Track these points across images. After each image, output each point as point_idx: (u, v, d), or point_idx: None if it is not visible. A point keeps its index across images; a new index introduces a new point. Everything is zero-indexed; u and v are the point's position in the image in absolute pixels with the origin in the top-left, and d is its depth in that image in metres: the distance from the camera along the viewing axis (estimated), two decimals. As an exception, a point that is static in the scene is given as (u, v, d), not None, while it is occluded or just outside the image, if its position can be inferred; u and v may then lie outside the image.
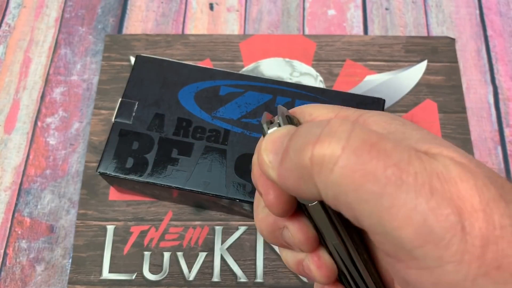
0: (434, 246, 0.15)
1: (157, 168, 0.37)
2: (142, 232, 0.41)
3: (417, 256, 0.15)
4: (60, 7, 0.51)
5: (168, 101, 0.39)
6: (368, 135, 0.16)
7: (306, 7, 0.51)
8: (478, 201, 0.15)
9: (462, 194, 0.15)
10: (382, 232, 0.16)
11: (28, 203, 0.42)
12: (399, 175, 0.15)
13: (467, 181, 0.15)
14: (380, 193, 0.15)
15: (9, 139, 0.45)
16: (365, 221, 0.16)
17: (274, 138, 0.19)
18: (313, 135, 0.17)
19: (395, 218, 0.15)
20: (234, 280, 0.39)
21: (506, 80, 0.47)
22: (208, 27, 0.50)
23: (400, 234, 0.15)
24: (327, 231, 0.20)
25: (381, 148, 0.16)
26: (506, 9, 0.50)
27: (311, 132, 0.17)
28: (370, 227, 0.16)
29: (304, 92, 0.39)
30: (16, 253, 0.40)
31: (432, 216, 0.15)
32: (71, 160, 0.44)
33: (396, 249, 0.16)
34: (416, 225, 0.15)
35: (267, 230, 0.22)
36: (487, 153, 0.44)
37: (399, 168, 0.15)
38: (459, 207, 0.15)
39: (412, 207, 0.15)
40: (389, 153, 0.16)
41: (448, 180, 0.15)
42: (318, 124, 0.17)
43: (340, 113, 0.21)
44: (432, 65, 0.47)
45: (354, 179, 0.15)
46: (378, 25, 0.50)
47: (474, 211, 0.15)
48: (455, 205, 0.15)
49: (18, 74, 0.48)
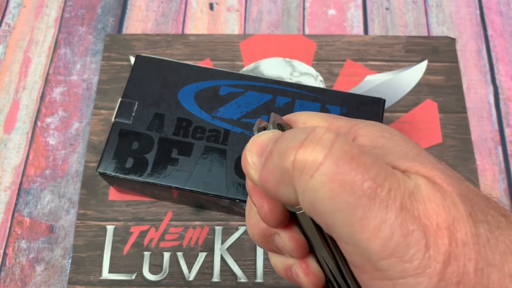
0: (398, 259, 0.15)
1: (157, 168, 0.37)
2: (142, 232, 0.41)
3: (382, 267, 0.16)
4: (60, 7, 0.51)
5: (168, 101, 0.39)
6: (350, 147, 0.17)
7: (306, 7, 0.51)
8: (443, 220, 0.16)
9: (429, 212, 0.16)
10: (351, 242, 0.16)
11: (27, 203, 0.42)
12: (374, 189, 0.16)
13: (434, 201, 0.16)
14: (354, 204, 0.16)
15: (9, 139, 0.45)
16: (336, 230, 0.17)
17: (259, 141, 0.20)
18: (297, 140, 0.17)
19: (365, 229, 0.16)
20: (234, 280, 0.39)
21: (507, 80, 0.47)
22: (208, 27, 0.50)
23: (368, 245, 0.16)
24: (315, 239, 0.21)
25: (361, 161, 0.16)
26: (507, 9, 0.50)
27: (296, 137, 0.17)
28: (340, 236, 0.17)
29: (304, 92, 0.39)
30: (16, 253, 0.40)
31: (399, 231, 0.15)
32: (71, 160, 0.44)
33: (363, 259, 0.16)
34: (384, 238, 0.15)
35: (259, 235, 0.23)
36: (487, 153, 0.44)
37: (375, 182, 0.16)
38: (424, 224, 0.16)
39: (382, 220, 0.16)
40: (368, 168, 0.16)
41: (417, 199, 0.16)
42: (304, 130, 0.18)
43: (333, 122, 0.21)
44: (432, 65, 0.47)
45: (332, 188, 0.16)
46: (378, 25, 0.50)
47: (438, 229, 0.15)
48: (421, 223, 0.16)
49: (18, 74, 0.48)
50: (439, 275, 0.15)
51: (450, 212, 0.16)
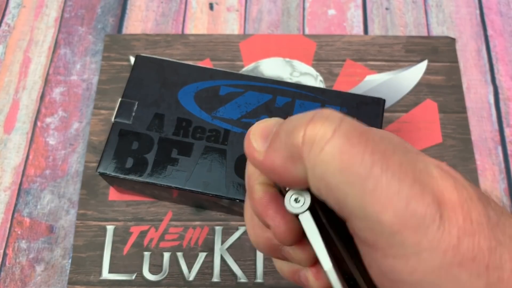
0: (413, 231, 0.15)
1: (157, 168, 0.37)
2: (142, 232, 0.41)
3: (395, 242, 0.15)
4: (59, 7, 0.51)
5: (168, 101, 0.39)
6: (358, 124, 0.17)
7: (306, 7, 0.51)
8: (456, 198, 0.16)
9: (441, 189, 0.16)
10: (363, 216, 0.16)
11: (27, 203, 0.42)
12: (385, 161, 0.16)
13: (447, 180, 0.16)
14: (365, 176, 0.16)
15: (9, 139, 0.45)
16: (348, 204, 0.16)
17: (263, 125, 0.20)
18: (306, 118, 0.18)
19: (377, 201, 0.15)
20: (234, 280, 0.39)
21: (507, 80, 0.47)
22: (208, 27, 0.50)
23: (381, 218, 0.15)
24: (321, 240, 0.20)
25: (370, 136, 0.17)
26: (507, 9, 0.50)
27: (305, 116, 0.18)
28: (352, 210, 0.16)
29: (304, 92, 0.39)
30: (16, 253, 0.40)
31: (414, 202, 0.15)
32: (70, 160, 0.44)
33: (375, 235, 0.16)
34: (397, 209, 0.15)
35: (265, 246, 0.22)
36: (487, 153, 0.44)
37: (385, 155, 0.16)
38: (439, 198, 0.15)
39: (395, 191, 0.15)
40: (377, 143, 0.16)
41: (430, 176, 0.16)
42: (309, 112, 0.18)
43: None
44: (432, 65, 0.47)
45: (342, 160, 0.16)
46: (378, 25, 0.50)
47: (452, 205, 0.15)
48: (435, 196, 0.15)
49: (17, 74, 0.48)
50: (454, 250, 0.15)
51: (462, 193, 0.16)
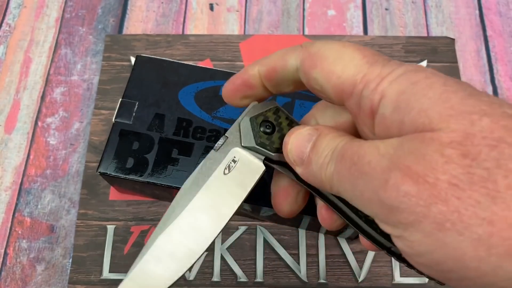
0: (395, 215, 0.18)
1: (158, 168, 0.37)
2: (142, 232, 0.41)
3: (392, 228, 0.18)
4: (60, 7, 0.51)
5: (168, 101, 0.39)
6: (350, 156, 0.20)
7: (306, 7, 0.51)
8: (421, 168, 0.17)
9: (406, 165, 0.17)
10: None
11: (28, 203, 0.42)
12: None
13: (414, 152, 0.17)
14: None
15: (10, 139, 0.45)
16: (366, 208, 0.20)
17: (297, 143, 0.23)
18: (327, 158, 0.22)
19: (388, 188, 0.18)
20: (234, 279, 0.39)
21: (506, 80, 0.47)
22: (208, 27, 0.50)
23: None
24: None
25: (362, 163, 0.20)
26: (506, 9, 0.50)
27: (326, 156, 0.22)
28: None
29: (304, 92, 0.39)
30: (17, 252, 0.40)
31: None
32: (71, 160, 0.44)
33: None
34: None
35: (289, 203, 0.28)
36: (486, 153, 0.44)
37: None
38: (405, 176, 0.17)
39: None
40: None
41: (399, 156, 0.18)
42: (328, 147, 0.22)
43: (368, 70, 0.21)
44: (432, 65, 0.47)
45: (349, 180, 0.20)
46: (378, 25, 0.50)
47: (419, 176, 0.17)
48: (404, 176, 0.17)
49: (18, 74, 0.48)
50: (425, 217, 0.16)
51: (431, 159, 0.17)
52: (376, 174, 0.18)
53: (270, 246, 0.40)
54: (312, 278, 0.39)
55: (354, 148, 0.20)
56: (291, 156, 0.23)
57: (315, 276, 0.39)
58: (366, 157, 0.19)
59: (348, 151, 0.20)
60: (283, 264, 0.40)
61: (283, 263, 0.40)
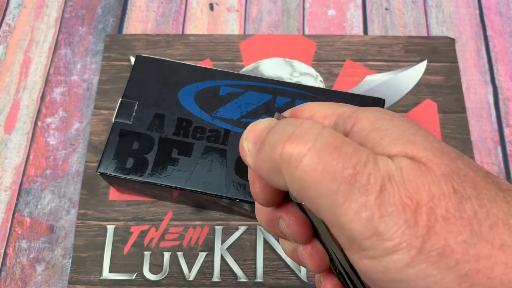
0: (379, 238, 0.17)
1: (157, 168, 0.37)
2: (142, 232, 0.41)
3: (366, 247, 0.17)
4: (60, 7, 0.51)
5: (168, 101, 0.39)
6: (333, 138, 0.18)
7: (306, 7, 0.51)
8: (422, 198, 0.17)
9: (410, 192, 0.17)
10: (337, 225, 0.18)
11: (28, 203, 0.42)
12: (354, 175, 0.17)
13: (414, 181, 0.17)
14: (336, 190, 0.17)
15: (9, 139, 0.45)
16: (323, 215, 0.18)
17: (255, 129, 0.21)
18: (285, 134, 0.19)
19: (347, 212, 0.17)
20: (234, 280, 0.39)
21: (506, 80, 0.47)
22: (208, 27, 0.50)
23: (352, 227, 0.17)
24: (319, 225, 0.22)
25: (342, 151, 0.18)
26: (506, 9, 0.50)
27: (285, 131, 0.19)
28: (328, 220, 0.18)
29: (304, 92, 0.39)
30: (16, 253, 0.40)
31: (377, 212, 0.17)
32: (71, 160, 0.44)
33: (349, 241, 0.18)
34: (365, 219, 0.17)
35: (265, 219, 0.24)
36: (487, 153, 0.44)
37: (355, 169, 0.17)
38: (405, 204, 0.17)
39: (362, 203, 0.17)
40: (349, 156, 0.18)
41: (397, 181, 0.17)
42: (293, 123, 0.19)
43: (337, 109, 0.23)
44: (432, 65, 0.47)
45: (315, 177, 0.18)
46: (378, 25, 0.50)
47: (418, 207, 0.17)
48: (401, 203, 0.17)
49: (18, 74, 0.48)
50: (418, 249, 0.16)
51: (430, 189, 0.17)
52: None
53: (270, 246, 0.40)
54: (312, 278, 0.39)
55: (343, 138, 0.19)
56: (246, 145, 0.21)
57: (315, 276, 0.39)
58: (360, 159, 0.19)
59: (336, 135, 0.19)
60: (283, 264, 0.40)
61: (283, 263, 0.40)
